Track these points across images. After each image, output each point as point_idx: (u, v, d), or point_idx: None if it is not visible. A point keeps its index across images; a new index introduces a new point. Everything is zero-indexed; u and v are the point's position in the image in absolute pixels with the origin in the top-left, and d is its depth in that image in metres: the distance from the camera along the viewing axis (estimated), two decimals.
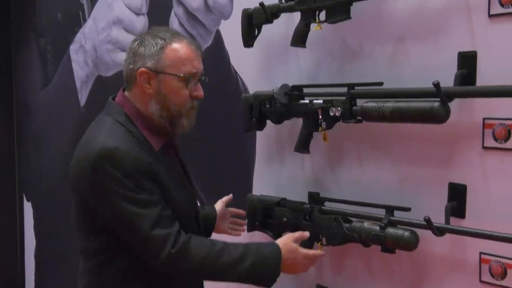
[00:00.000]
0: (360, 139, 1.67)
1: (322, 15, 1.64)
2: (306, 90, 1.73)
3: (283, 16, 1.80)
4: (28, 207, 3.75)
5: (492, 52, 1.34)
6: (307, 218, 1.70)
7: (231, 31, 2.01)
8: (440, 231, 1.37)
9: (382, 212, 1.50)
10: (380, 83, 1.51)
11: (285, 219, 1.76)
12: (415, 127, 1.47)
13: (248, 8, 1.86)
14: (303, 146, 1.73)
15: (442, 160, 1.46)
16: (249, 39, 1.88)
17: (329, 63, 1.76)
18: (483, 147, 1.37)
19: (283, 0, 1.75)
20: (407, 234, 1.42)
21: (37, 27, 3.48)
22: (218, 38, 2.16)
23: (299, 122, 1.74)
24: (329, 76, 1.75)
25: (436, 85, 1.31)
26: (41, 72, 3.46)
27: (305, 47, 1.73)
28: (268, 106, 1.80)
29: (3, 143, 3.82)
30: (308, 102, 1.68)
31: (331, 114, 1.58)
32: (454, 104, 1.36)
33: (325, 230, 1.63)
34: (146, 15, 2.53)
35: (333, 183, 1.77)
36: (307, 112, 1.68)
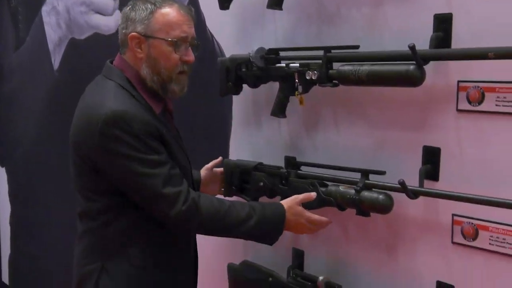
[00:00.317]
0: (336, 103, 1.67)
1: None
2: (282, 54, 1.72)
3: None
4: (2, 172, 3.70)
5: (468, 15, 1.34)
6: (283, 182, 1.70)
7: None
8: (414, 194, 1.39)
9: (357, 175, 1.51)
10: (356, 46, 1.50)
11: (261, 184, 1.77)
12: (390, 91, 1.47)
13: None
14: (279, 110, 1.72)
15: (417, 123, 1.47)
16: (225, 1, 1.85)
17: (306, 26, 1.74)
18: (457, 110, 1.37)
19: None
20: (382, 197, 1.44)
21: None
22: (193, 1, 2.12)
23: (276, 86, 1.73)
24: (306, 40, 1.73)
25: (412, 48, 1.30)
26: (12, 34, 3.37)
27: (281, 9, 1.70)
28: (244, 70, 1.79)
29: None
30: (284, 65, 1.67)
31: (308, 77, 1.57)
32: (430, 67, 1.36)
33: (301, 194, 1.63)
34: None
35: (309, 147, 1.77)
36: (283, 75, 1.67)
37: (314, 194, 1.58)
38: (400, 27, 1.48)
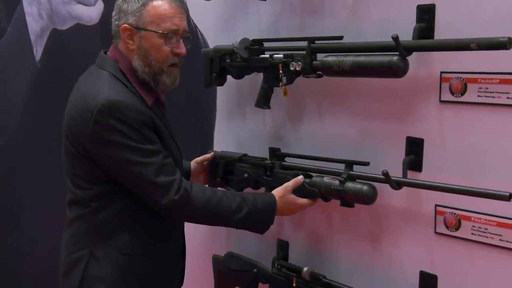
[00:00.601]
0: (320, 94, 1.67)
1: None
2: (266, 44, 1.71)
3: None
4: None
5: (450, 6, 1.34)
6: (268, 173, 1.70)
7: None
8: (397, 185, 1.39)
9: (341, 166, 1.51)
10: (340, 37, 1.50)
11: (246, 175, 1.77)
12: (374, 82, 1.47)
13: None
14: (263, 101, 1.72)
15: (400, 114, 1.47)
16: None
17: (289, 17, 1.73)
18: (440, 101, 1.38)
19: None
20: (365, 188, 1.44)
21: None
22: None
23: (260, 77, 1.72)
24: (289, 30, 1.73)
25: (395, 38, 1.31)
26: None
27: (265, 0, 1.69)
28: (228, 61, 1.78)
29: None
30: (268, 56, 1.66)
31: (292, 68, 1.57)
32: (413, 58, 1.36)
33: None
34: None
35: (293, 139, 1.77)
36: (267, 66, 1.66)
37: (302, 177, 1.59)
38: (384, 17, 1.48)
